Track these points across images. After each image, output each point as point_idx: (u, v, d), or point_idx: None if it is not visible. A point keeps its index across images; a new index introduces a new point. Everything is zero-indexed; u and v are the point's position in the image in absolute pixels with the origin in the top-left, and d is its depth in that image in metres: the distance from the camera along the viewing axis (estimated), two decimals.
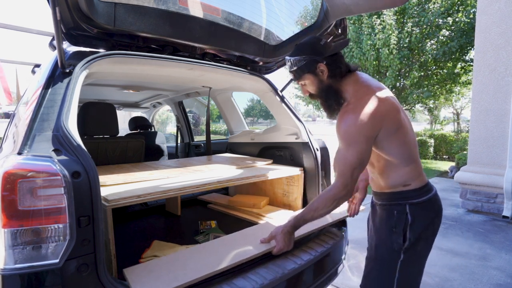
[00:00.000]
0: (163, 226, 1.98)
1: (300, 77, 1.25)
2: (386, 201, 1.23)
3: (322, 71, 1.21)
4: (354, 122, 1.10)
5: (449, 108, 16.90)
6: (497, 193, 3.88)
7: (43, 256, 0.87)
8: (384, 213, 1.23)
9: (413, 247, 1.16)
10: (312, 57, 1.20)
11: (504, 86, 3.81)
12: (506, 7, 3.75)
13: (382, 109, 1.12)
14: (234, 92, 2.79)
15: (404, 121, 1.18)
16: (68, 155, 0.96)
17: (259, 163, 2.12)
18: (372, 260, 1.25)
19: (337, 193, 1.15)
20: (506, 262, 2.65)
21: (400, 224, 1.16)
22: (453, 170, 6.99)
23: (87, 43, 1.42)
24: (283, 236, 1.31)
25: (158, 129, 5.05)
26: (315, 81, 1.23)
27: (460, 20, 7.86)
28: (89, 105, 2.12)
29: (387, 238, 1.18)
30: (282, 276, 1.23)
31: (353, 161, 1.10)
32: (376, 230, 1.26)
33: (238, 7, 1.76)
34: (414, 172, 1.18)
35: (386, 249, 1.19)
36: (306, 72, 1.22)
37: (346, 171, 1.12)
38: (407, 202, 1.17)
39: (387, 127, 1.12)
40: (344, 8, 1.52)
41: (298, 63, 1.21)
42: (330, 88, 1.22)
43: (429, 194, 1.18)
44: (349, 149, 1.11)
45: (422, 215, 1.16)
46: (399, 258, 1.16)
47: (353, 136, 1.10)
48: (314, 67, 1.20)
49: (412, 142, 1.20)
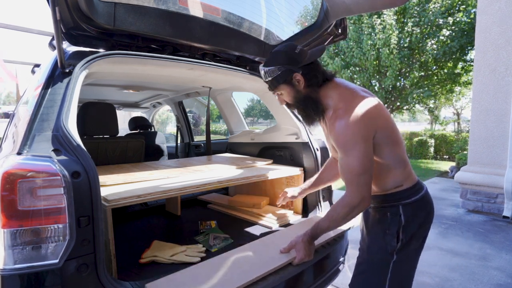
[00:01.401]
0: (163, 226, 1.98)
1: (275, 87, 1.21)
2: (379, 203, 1.22)
3: (299, 81, 1.17)
4: (348, 124, 1.06)
5: (449, 108, 16.90)
6: (498, 193, 3.88)
7: (43, 256, 0.87)
8: (377, 215, 1.21)
9: (406, 247, 1.15)
10: (287, 67, 1.15)
11: (504, 86, 3.81)
12: (506, 7, 3.75)
13: (373, 109, 1.10)
14: (234, 92, 2.79)
15: (394, 121, 1.18)
16: (68, 155, 0.96)
17: (259, 163, 2.12)
18: (365, 262, 1.23)
19: (349, 202, 1.11)
20: (506, 262, 2.65)
21: (393, 226, 1.15)
22: (454, 170, 6.99)
23: (87, 43, 1.42)
24: (304, 245, 1.26)
25: (158, 129, 5.05)
26: (291, 92, 1.19)
27: (460, 20, 7.87)
28: (89, 105, 2.12)
29: (381, 240, 1.17)
30: (283, 276, 1.23)
31: (356, 167, 1.07)
32: (368, 232, 1.24)
33: (238, 7, 1.76)
34: (405, 173, 1.18)
35: (379, 250, 1.17)
36: (282, 82, 1.17)
37: (352, 179, 1.10)
38: (400, 203, 1.15)
39: (381, 128, 1.11)
40: (344, 8, 1.51)
41: (272, 74, 1.17)
42: (308, 98, 1.18)
43: (421, 193, 1.18)
44: (349, 156, 1.08)
45: (415, 215, 1.15)
46: (392, 259, 1.15)
47: (349, 139, 1.07)
48: (290, 77, 1.16)
49: (402, 143, 1.19)
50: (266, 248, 1.40)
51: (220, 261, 1.27)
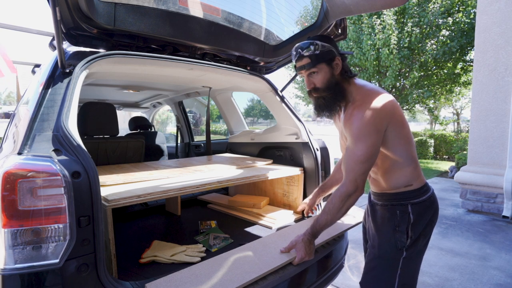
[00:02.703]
0: (163, 226, 1.98)
1: (316, 64, 1.20)
2: (388, 201, 1.25)
3: (337, 65, 1.21)
4: (364, 115, 1.11)
5: (449, 108, 16.89)
6: (497, 193, 3.88)
7: (43, 256, 0.87)
8: (386, 213, 1.24)
9: (415, 244, 1.19)
10: (333, 48, 1.20)
11: (504, 86, 3.81)
12: (506, 7, 3.75)
13: (389, 104, 1.14)
14: (234, 92, 2.79)
15: (406, 120, 1.22)
16: (68, 155, 0.96)
17: (259, 163, 2.12)
18: (376, 258, 1.25)
19: (345, 191, 1.14)
20: (506, 262, 2.65)
21: (403, 223, 1.18)
22: (453, 170, 6.99)
23: (87, 43, 1.42)
24: (304, 244, 1.27)
25: (158, 129, 5.05)
26: (327, 74, 1.21)
27: (460, 20, 7.86)
28: (89, 105, 2.12)
29: (391, 236, 1.20)
30: (283, 276, 1.23)
31: (362, 155, 1.11)
32: (378, 229, 1.27)
33: (238, 7, 1.76)
34: (416, 172, 1.21)
35: (390, 247, 1.20)
36: (324, 61, 1.19)
37: (354, 166, 1.13)
38: (409, 202, 1.19)
39: (394, 123, 1.15)
40: (344, 8, 1.52)
41: (321, 48, 1.18)
42: (339, 85, 1.22)
43: (428, 194, 1.22)
44: (358, 144, 1.12)
45: (422, 214, 1.20)
46: (402, 255, 1.18)
47: (363, 129, 1.11)
48: (333, 59, 1.20)
49: (413, 142, 1.23)
50: (266, 248, 1.39)
51: (220, 261, 1.26)
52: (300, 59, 1.22)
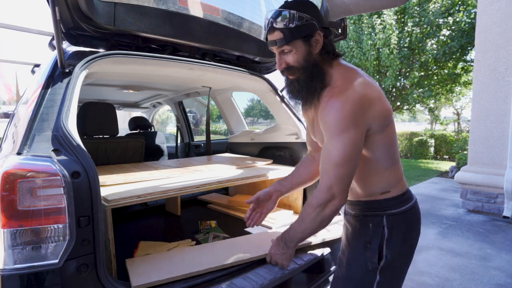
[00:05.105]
0: (163, 226, 1.98)
1: (290, 41, 0.96)
2: (360, 211, 1.07)
3: (316, 42, 0.98)
4: (342, 106, 0.91)
5: (449, 108, 16.89)
6: (498, 193, 3.88)
7: (43, 256, 0.87)
8: (357, 226, 1.07)
9: (391, 266, 1.00)
10: (314, 21, 0.95)
11: (504, 86, 3.81)
12: (506, 7, 3.75)
13: (374, 94, 0.95)
14: (234, 92, 2.79)
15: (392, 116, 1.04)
16: (68, 155, 0.96)
17: (259, 163, 2.12)
18: (344, 279, 1.07)
19: (319, 198, 0.96)
20: (506, 262, 2.65)
21: (375, 240, 1.00)
22: (454, 170, 6.99)
23: (87, 43, 1.42)
24: (273, 244, 1.23)
25: (158, 129, 5.05)
26: (304, 52, 0.98)
27: (460, 20, 7.87)
28: (89, 105, 2.12)
29: (360, 255, 1.02)
30: (282, 277, 1.23)
31: (337, 155, 0.91)
32: (348, 245, 1.09)
33: (238, 7, 1.76)
34: (395, 177, 1.03)
35: (359, 268, 1.02)
36: (301, 37, 0.96)
37: (329, 170, 0.94)
38: (384, 213, 1.01)
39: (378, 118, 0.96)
40: (344, 8, 1.51)
41: (298, 21, 0.94)
42: (317, 66, 1.00)
43: (409, 203, 1.04)
44: (333, 141, 0.92)
45: (400, 228, 1.01)
46: (375, 279, 1.00)
47: (340, 122, 0.91)
48: (311, 34, 0.96)
49: (397, 141, 1.06)
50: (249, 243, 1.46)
51: (199, 248, 1.39)
52: (271, 31, 0.98)
